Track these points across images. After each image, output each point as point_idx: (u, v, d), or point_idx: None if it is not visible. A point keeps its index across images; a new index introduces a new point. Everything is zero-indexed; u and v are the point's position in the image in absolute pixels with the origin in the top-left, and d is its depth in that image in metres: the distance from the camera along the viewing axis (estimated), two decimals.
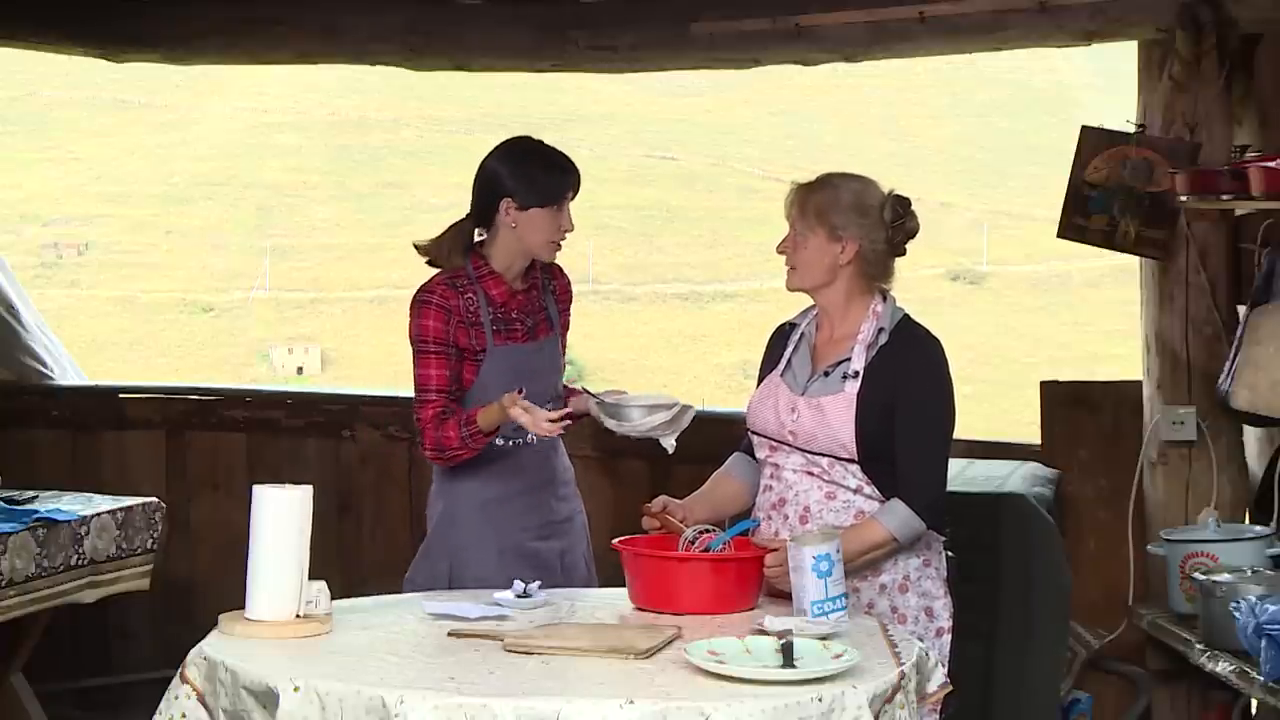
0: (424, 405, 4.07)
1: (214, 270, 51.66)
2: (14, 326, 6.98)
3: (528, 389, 4.06)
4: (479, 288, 4.13)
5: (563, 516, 4.27)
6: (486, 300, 4.13)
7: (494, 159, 4.18)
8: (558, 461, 4.29)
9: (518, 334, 4.16)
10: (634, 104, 59.19)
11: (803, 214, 3.81)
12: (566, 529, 4.27)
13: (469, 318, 4.10)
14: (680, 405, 4.01)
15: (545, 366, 4.21)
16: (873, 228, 3.79)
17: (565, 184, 4.15)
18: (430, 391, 4.07)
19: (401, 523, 6.46)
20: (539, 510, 4.21)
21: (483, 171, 4.18)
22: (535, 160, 4.16)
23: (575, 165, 4.21)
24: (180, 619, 5.94)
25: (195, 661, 3.22)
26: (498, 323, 4.13)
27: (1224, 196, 4.91)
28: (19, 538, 4.78)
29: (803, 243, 3.81)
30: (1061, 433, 5.75)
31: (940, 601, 3.83)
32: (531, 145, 4.22)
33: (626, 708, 2.81)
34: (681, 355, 47.44)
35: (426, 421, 4.06)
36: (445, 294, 4.10)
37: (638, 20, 5.87)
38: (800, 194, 3.84)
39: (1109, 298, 43.21)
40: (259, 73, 39.22)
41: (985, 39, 5.60)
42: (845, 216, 3.77)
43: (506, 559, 4.12)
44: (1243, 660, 4.53)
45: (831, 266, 3.80)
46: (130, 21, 6.29)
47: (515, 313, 4.17)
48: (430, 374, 4.07)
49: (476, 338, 4.11)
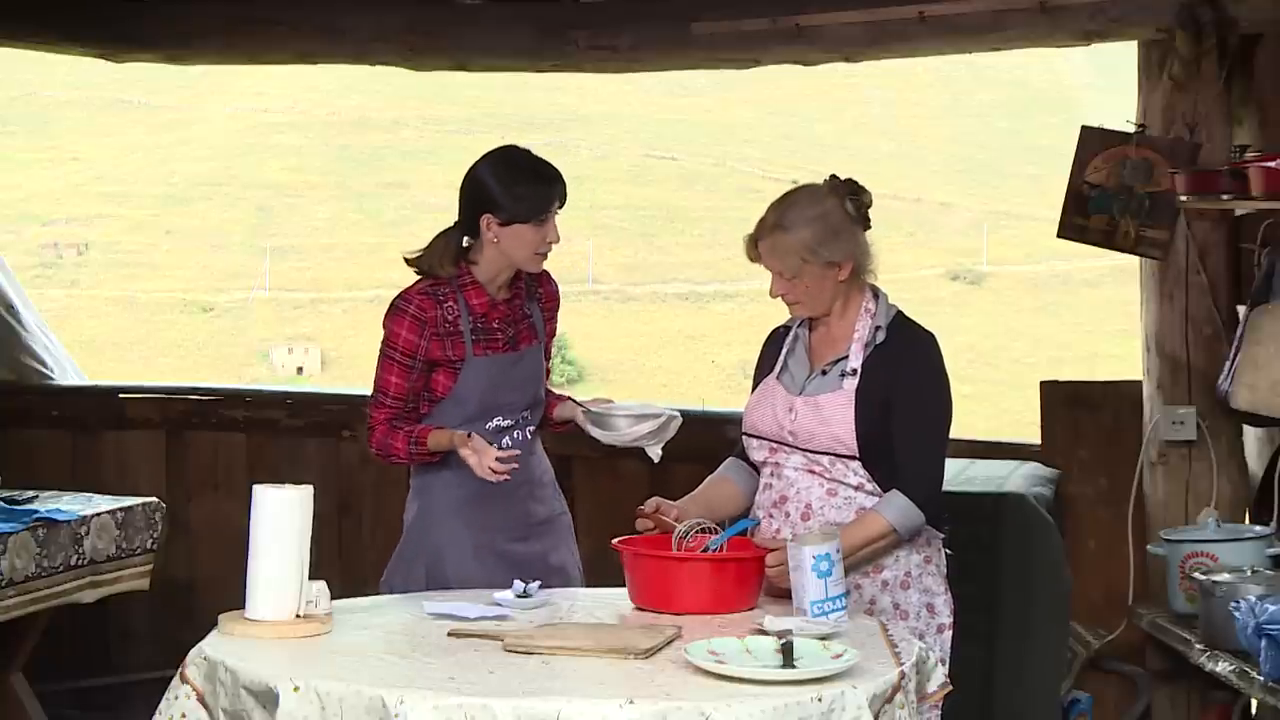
0: (378, 407, 4.12)
1: (214, 270, 51.66)
2: (14, 326, 6.98)
3: (506, 399, 4.11)
4: (460, 296, 4.10)
5: (540, 518, 4.24)
6: (468, 310, 4.10)
7: (477, 170, 4.12)
8: (535, 463, 4.25)
9: (498, 343, 4.13)
10: (634, 104, 59.19)
11: (784, 260, 3.76)
12: (546, 530, 4.24)
13: (446, 328, 4.08)
14: (666, 414, 4.00)
15: (526, 376, 4.18)
16: (850, 236, 3.78)
17: (548, 198, 4.07)
18: (386, 396, 4.11)
19: (401, 523, 6.46)
20: (514, 512, 4.18)
21: (467, 182, 4.13)
22: (517, 174, 4.08)
23: (560, 176, 4.12)
24: (180, 619, 5.95)
25: (195, 661, 3.23)
26: (478, 332, 4.11)
27: (1224, 196, 4.91)
28: (19, 538, 4.79)
29: (798, 283, 3.78)
30: (1061, 433, 5.75)
31: (941, 598, 3.83)
32: (514, 157, 4.13)
33: (626, 708, 2.82)
34: (681, 355, 47.46)
35: (378, 422, 4.12)
36: (423, 304, 4.08)
37: (638, 20, 5.87)
38: (769, 242, 3.77)
39: (1109, 298, 43.22)
40: (259, 73, 39.25)
41: (985, 39, 5.60)
42: (828, 246, 3.75)
43: (483, 560, 4.11)
44: (1243, 660, 4.53)
45: (834, 287, 3.80)
46: (130, 21, 6.29)
47: (497, 322, 4.14)
48: (390, 380, 4.10)
49: (454, 347, 4.09)
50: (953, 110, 61.90)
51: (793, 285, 3.79)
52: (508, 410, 4.14)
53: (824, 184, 3.83)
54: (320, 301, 50.71)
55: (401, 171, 56.27)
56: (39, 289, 43.10)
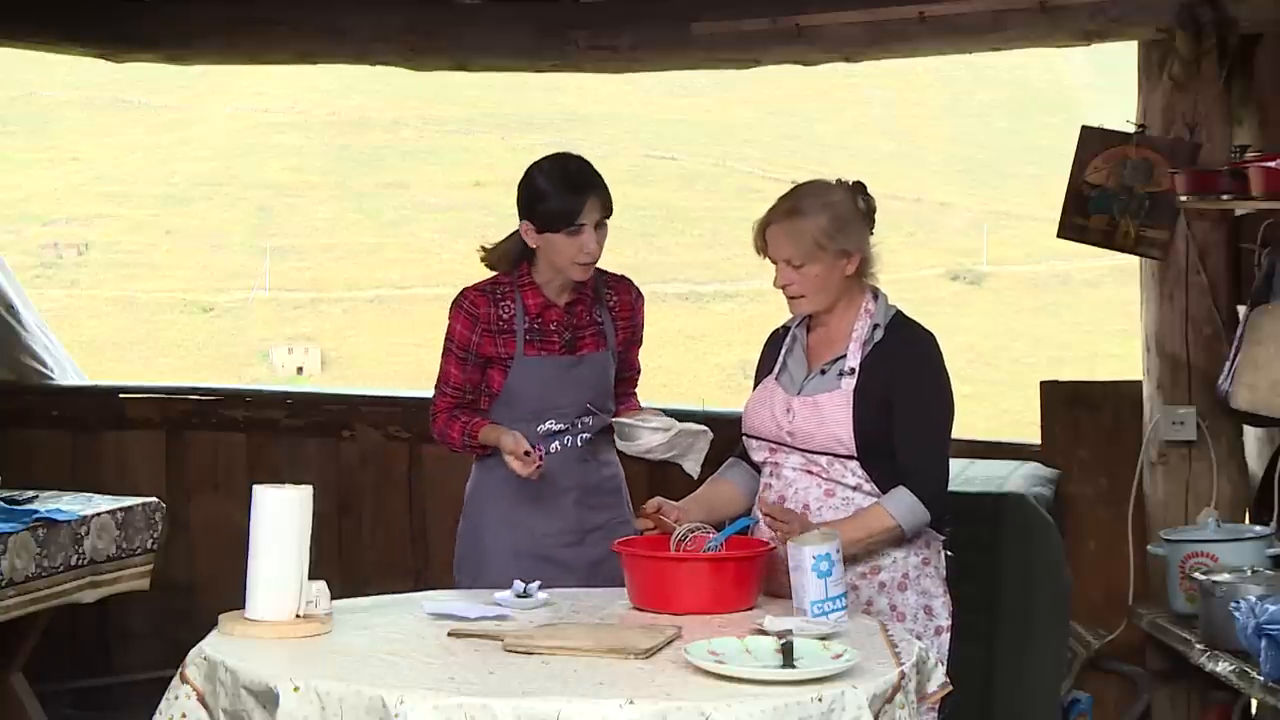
0: (441, 396, 4.24)
1: (214, 270, 51.63)
2: (14, 326, 6.98)
3: (558, 401, 4.15)
4: (518, 295, 4.15)
5: (594, 525, 4.23)
6: (524, 309, 4.15)
7: (526, 176, 4.15)
8: (592, 470, 4.25)
9: (554, 345, 4.17)
10: (634, 104, 59.17)
11: (797, 244, 3.75)
12: (601, 538, 4.20)
13: (499, 325, 4.14)
14: (678, 428, 3.98)
15: (584, 381, 4.19)
16: (860, 231, 3.79)
17: (575, 208, 4.05)
18: (447, 386, 4.23)
19: (401, 523, 6.47)
20: (563, 517, 4.20)
21: (519, 185, 4.17)
22: (550, 183, 4.08)
23: (594, 185, 4.09)
24: (180, 619, 5.95)
25: (195, 661, 3.23)
26: (532, 333, 4.15)
27: (1224, 196, 4.92)
28: (19, 538, 4.79)
29: (807, 271, 3.77)
30: (1061, 433, 5.76)
31: (939, 600, 3.83)
32: (555, 165, 4.14)
33: (626, 708, 2.82)
34: (681, 355, 47.42)
35: (439, 410, 4.24)
36: (476, 301, 4.16)
37: (638, 20, 5.87)
38: (782, 227, 3.77)
39: (1109, 298, 43.20)
40: (259, 73, 39.22)
41: (985, 39, 5.60)
42: (842, 235, 3.75)
43: (523, 562, 4.11)
44: (1243, 660, 4.53)
45: (840, 281, 3.80)
46: (130, 21, 6.29)
47: (554, 324, 4.17)
48: (449, 371, 4.22)
49: (505, 345, 4.14)
50: (953, 110, 61.88)
51: (800, 275, 3.78)
52: (560, 414, 4.16)
53: (834, 180, 3.84)
54: (320, 301, 50.68)
55: (401, 171, 56.23)
56: (39, 289, 43.08)
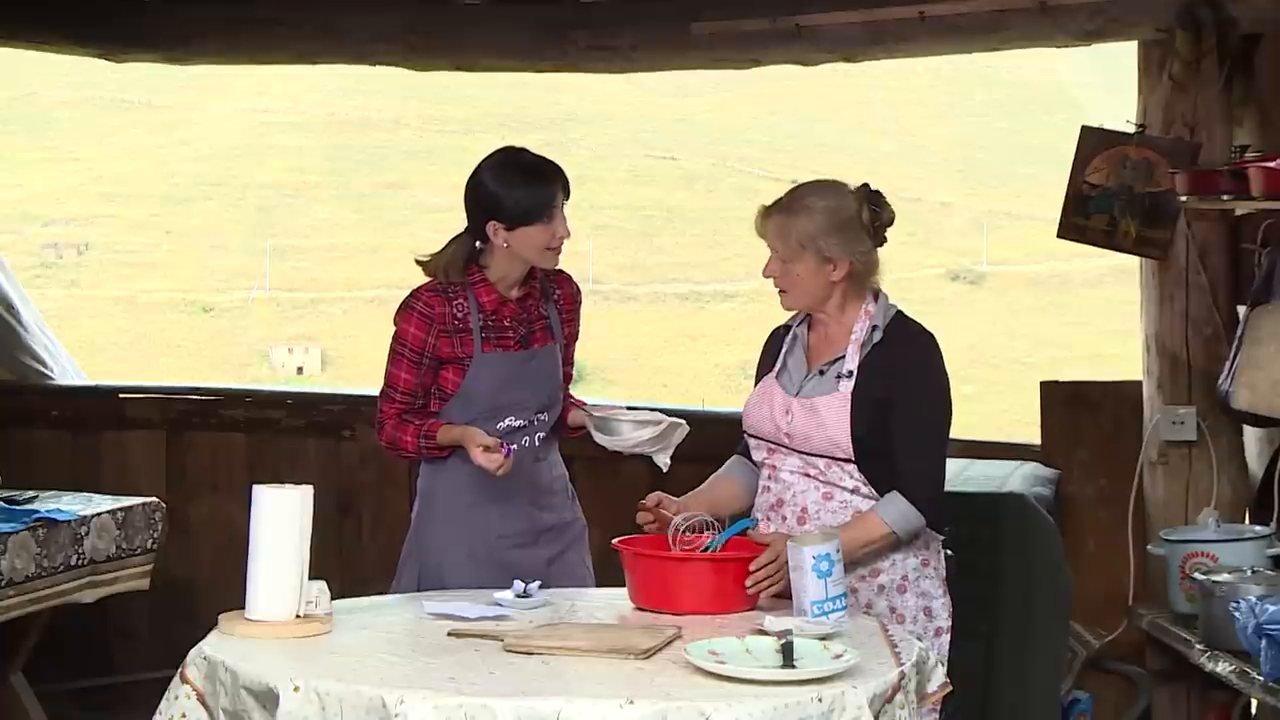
0: (388, 401, 4.17)
1: (214, 270, 51.66)
2: (14, 326, 6.98)
3: (516, 396, 4.12)
4: (470, 294, 4.12)
5: (547, 525, 4.23)
6: (477, 307, 4.12)
7: (479, 176, 4.12)
8: (544, 470, 4.25)
9: (509, 341, 4.14)
10: (634, 104, 59.18)
11: (784, 240, 3.75)
12: (554, 538, 4.23)
13: (455, 325, 4.10)
14: (669, 422, 3.99)
15: (539, 375, 4.19)
16: (856, 239, 3.76)
17: (549, 195, 4.07)
18: (396, 391, 4.15)
19: (401, 523, 6.41)
20: (517, 518, 4.18)
21: (470, 189, 4.13)
22: (517, 177, 4.07)
23: (559, 171, 4.12)
24: (180, 619, 5.94)
25: (195, 661, 3.23)
26: (488, 330, 4.12)
27: (1224, 196, 4.91)
28: (19, 538, 4.79)
29: (791, 268, 3.77)
30: (1061, 433, 5.75)
31: (939, 601, 3.82)
32: (511, 159, 4.13)
33: (626, 708, 2.82)
34: (681, 355, 47.47)
35: (387, 416, 4.17)
36: (430, 301, 4.11)
37: (638, 20, 5.87)
38: (777, 220, 3.77)
39: (1109, 298, 43.21)
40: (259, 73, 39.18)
41: (985, 39, 5.60)
42: (829, 240, 3.73)
43: (479, 566, 4.10)
44: (1243, 660, 4.53)
45: (825, 285, 3.78)
46: (130, 21, 6.30)
47: (508, 320, 4.15)
48: (399, 375, 4.14)
49: (463, 344, 4.11)
50: (953, 110, 61.89)
51: (785, 270, 3.77)
52: (519, 410, 4.14)
53: (853, 185, 3.80)
54: (320, 301, 50.72)
55: (401, 171, 56.27)
56: (39, 289, 43.05)
